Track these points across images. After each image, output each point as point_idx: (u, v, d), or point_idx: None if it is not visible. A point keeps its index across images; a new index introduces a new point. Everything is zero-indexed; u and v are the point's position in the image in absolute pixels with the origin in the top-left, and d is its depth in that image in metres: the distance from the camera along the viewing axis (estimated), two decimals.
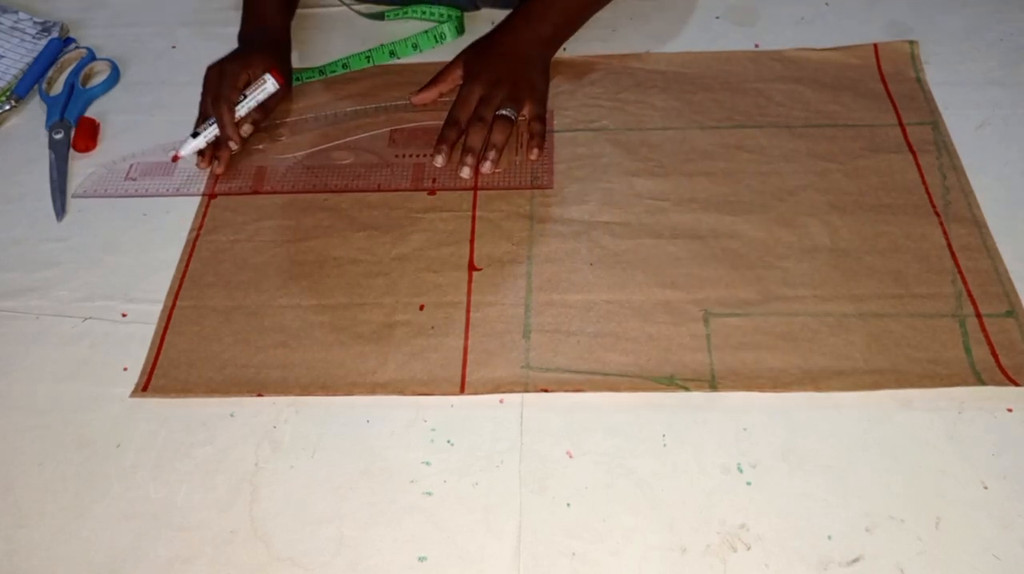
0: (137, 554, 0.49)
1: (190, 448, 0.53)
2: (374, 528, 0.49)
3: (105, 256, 0.64)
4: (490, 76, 0.68)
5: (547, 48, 0.71)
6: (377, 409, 0.54)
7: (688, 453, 0.51)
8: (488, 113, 0.66)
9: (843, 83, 0.71)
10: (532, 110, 0.68)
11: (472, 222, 0.63)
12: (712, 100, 0.71)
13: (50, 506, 0.51)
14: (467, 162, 0.65)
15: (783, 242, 0.60)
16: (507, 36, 0.70)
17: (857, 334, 0.55)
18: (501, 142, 0.65)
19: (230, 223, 0.65)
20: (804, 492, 0.49)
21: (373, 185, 0.66)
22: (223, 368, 0.56)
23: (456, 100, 0.68)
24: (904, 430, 0.51)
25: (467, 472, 0.51)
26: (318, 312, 0.59)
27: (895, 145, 0.66)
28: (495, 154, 0.65)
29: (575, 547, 0.48)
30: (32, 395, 0.56)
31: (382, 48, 0.76)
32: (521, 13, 0.71)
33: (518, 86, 0.67)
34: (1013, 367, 0.53)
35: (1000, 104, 0.69)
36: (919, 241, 0.60)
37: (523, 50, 0.69)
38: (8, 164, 0.72)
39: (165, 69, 0.79)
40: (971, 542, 0.47)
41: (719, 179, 0.65)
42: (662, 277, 0.59)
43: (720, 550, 0.47)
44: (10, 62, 0.78)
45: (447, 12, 0.79)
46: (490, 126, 0.66)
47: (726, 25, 0.78)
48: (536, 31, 0.70)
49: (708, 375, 0.54)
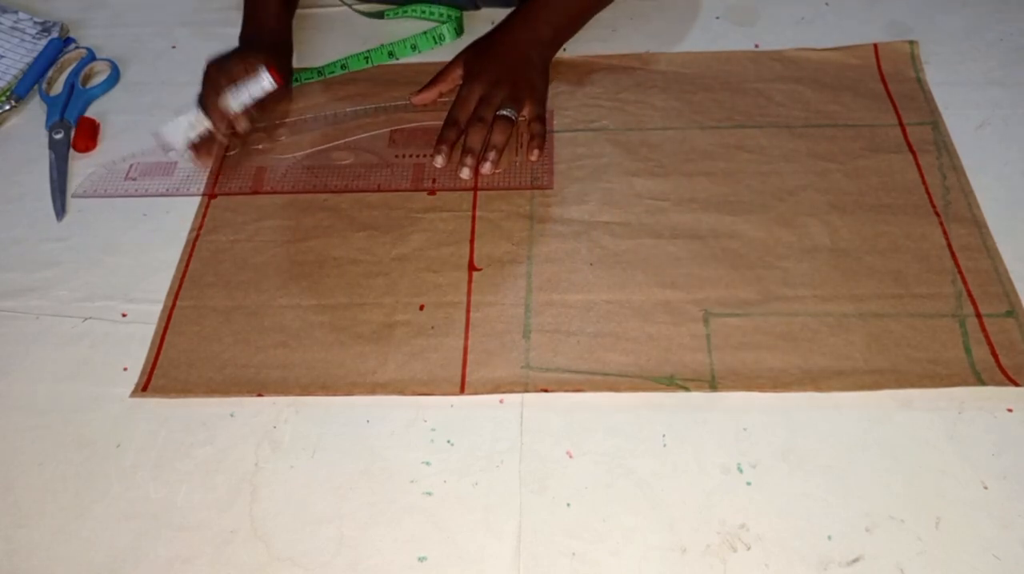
0: (137, 554, 0.49)
1: (190, 448, 0.53)
2: (374, 528, 0.49)
3: (105, 256, 0.64)
4: (490, 76, 0.67)
5: (547, 49, 0.71)
6: (377, 409, 0.54)
7: (688, 453, 0.51)
8: (488, 113, 0.66)
9: (843, 83, 0.71)
10: (532, 110, 0.68)
11: (472, 222, 0.63)
12: (712, 100, 0.71)
13: (50, 506, 0.51)
14: (467, 163, 0.65)
15: (783, 242, 0.60)
16: (507, 36, 0.70)
17: (857, 334, 0.55)
18: (501, 142, 0.65)
19: (230, 223, 0.65)
20: (804, 492, 0.49)
21: (373, 185, 0.66)
22: (223, 368, 0.56)
23: (455, 100, 0.68)
24: (904, 430, 0.51)
25: (467, 472, 0.51)
26: (318, 312, 0.59)
27: (895, 145, 0.66)
28: (495, 155, 0.65)
29: (575, 547, 0.48)
30: (32, 395, 0.56)
31: (381, 49, 0.76)
32: (521, 13, 0.70)
33: (518, 86, 0.67)
34: (1013, 367, 0.53)
35: (1000, 104, 0.69)
36: (919, 241, 0.60)
37: (523, 50, 0.69)
38: (8, 164, 0.72)
39: (165, 69, 0.79)
40: (971, 542, 0.47)
41: (719, 179, 0.65)
42: (662, 277, 0.59)
43: (720, 550, 0.47)
44: (10, 62, 0.78)
45: (447, 12, 0.79)
46: (490, 126, 0.66)
47: (726, 25, 0.78)
48: (536, 32, 0.70)
49: (708, 375, 0.54)
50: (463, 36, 0.78)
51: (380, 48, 0.76)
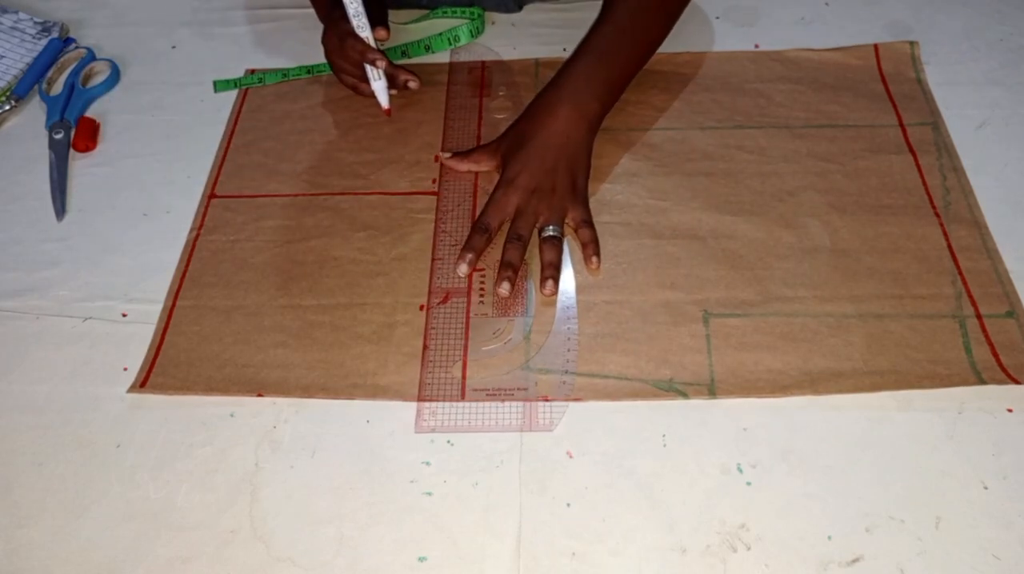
0: (137, 554, 0.49)
1: (190, 448, 0.53)
2: (374, 528, 0.49)
3: (105, 256, 0.64)
4: (527, 181, 0.61)
5: (592, 129, 0.65)
6: (377, 409, 0.54)
7: (688, 453, 0.51)
8: (526, 231, 0.60)
9: (843, 84, 0.71)
10: (577, 215, 0.61)
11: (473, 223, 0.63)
12: (712, 100, 0.71)
13: (50, 506, 0.51)
14: (507, 276, 0.58)
15: (783, 243, 0.60)
16: (548, 122, 0.63)
17: (857, 335, 0.55)
18: (556, 260, 0.59)
19: (230, 223, 0.65)
20: (804, 492, 0.49)
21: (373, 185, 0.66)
22: (223, 367, 0.56)
23: (488, 203, 0.62)
24: (904, 430, 0.51)
25: (467, 472, 0.51)
26: (318, 312, 0.59)
27: (895, 146, 0.66)
28: (555, 272, 0.59)
29: (575, 547, 0.48)
30: (32, 395, 0.56)
31: (394, 49, 0.76)
32: (565, 87, 0.64)
33: (557, 193, 0.61)
34: (1014, 367, 0.53)
35: (1000, 104, 0.69)
36: (919, 242, 0.60)
37: (564, 140, 0.63)
38: (8, 164, 0.72)
39: (165, 69, 0.79)
40: (971, 542, 0.47)
41: (719, 179, 0.65)
42: (662, 277, 0.59)
43: (720, 550, 0.47)
44: (10, 62, 0.78)
45: (471, 11, 0.78)
46: (527, 243, 0.60)
47: (726, 25, 0.78)
48: (579, 109, 0.64)
49: (707, 377, 0.54)
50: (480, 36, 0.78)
51: (394, 48, 0.76)
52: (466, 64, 0.76)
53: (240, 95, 0.75)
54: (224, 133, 0.72)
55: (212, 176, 0.68)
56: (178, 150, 0.71)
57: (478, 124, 0.71)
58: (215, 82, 0.76)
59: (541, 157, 0.62)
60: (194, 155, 0.70)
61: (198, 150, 0.71)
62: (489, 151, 0.66)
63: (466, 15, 0.79)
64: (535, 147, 0.63)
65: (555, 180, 0.62)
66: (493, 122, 0.70)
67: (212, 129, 0.72)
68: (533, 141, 0.63)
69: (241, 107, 0.74)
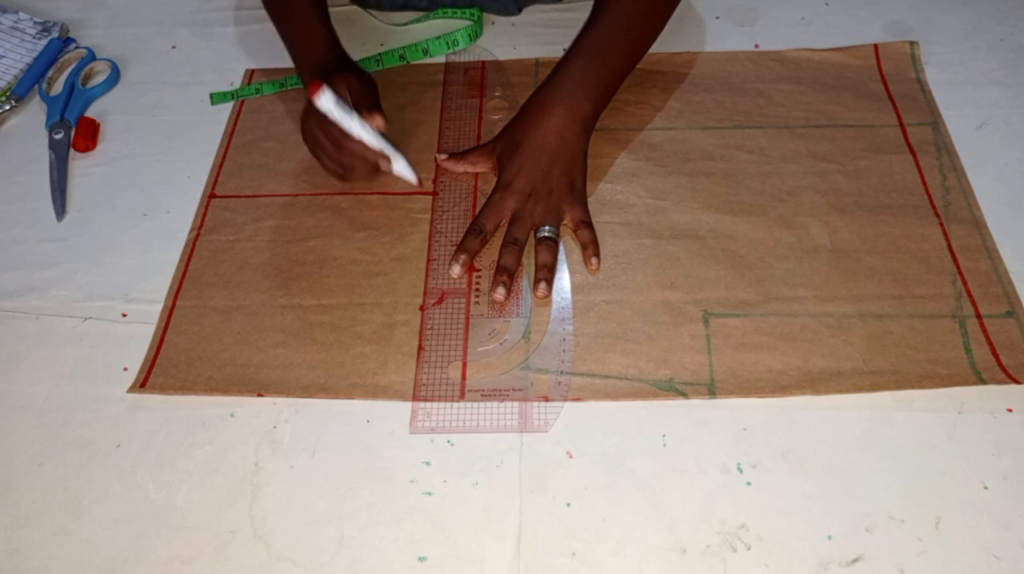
0: (137, 554, 0.49)
1: (190, 448, 0.53)
2: (374, 528, 0.49)
3: (105, 256, 0.64)
4: (523, 184, 0.61)
5: (587, 130, 0.64)
6: (377, 409, 0.54)
7: (688, 453, 0.51)
8: (522, 235, 0.60)
9: (843, 83, 0.71)
10: (575, 216, 0.61)
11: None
12: (712, 100, 0.71)
13: (50, 506, 0.51)
14: (503, 281, 0.58)
15: (783, 243, 0.60)
16: (541, 123, 0.63)
17: (857, 335, 0.55)
18: (551, 261, 0.59)
19: (230, 223, 0.65)
20: (804, 492, 0.49)
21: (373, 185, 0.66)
22: (223, 367, 0.56)
23: (486, 206, 0.62)
24: (904, 430, 0.51)
25: (467, 472, 0.51)
26: (318, 312, 0.59)
27: (895, 146, 0.66)
28: (549, 274, 0.58)
29: (575, 547, 0.48)
30: (32, 395, 0.56)
31: (392, 53, 0.76)
32: (557, 89, 0.64)
33: (554, 195, 0.61)
34: (1015, 367, 0.53)
35: (1000, 104, 0.69)
36: (919, 242, 0.60)
37: (559, 142, 0.62)
38: (8, 164, 0.72)
39: (165, 69, 0.79)
40: (971, 542, 0.47)
41: (719, 179, 0.65)
42: (662, 277, 0.59)
43: (720, 550, 0.47)
44: (10, 62, 0.78)
45: (470, 13, 0.78)
46: (523, 247, 0.60)
47: (726, 25, 0.78)
48: (573, 110, 0.63)
49: (707, 377, 0.54)
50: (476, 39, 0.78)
51: (392, 52, 0.76)
52: (465, 64, 0.76)
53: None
54: (224, 133, 0.72)
55: (212, 176, 0.68)
56: (178, 150, 0.71)
57: (478, 124, 0.71)
58: (212, 95, 0.75)
59: (537, 159, 0.62)
60: (194, 155, 0.70)
61: (198, 150, 0.71)
62: (485, 152, 0.66)
63: (465, 16, 0.79)
64: (530, 149, 0.62)
65: (552, 182, 0.62)
66: (492, 123, 0.70)
67: (212, 129, 0.72)
68: (528, 143, 0.63)
69: (241, 107, 0.74)
